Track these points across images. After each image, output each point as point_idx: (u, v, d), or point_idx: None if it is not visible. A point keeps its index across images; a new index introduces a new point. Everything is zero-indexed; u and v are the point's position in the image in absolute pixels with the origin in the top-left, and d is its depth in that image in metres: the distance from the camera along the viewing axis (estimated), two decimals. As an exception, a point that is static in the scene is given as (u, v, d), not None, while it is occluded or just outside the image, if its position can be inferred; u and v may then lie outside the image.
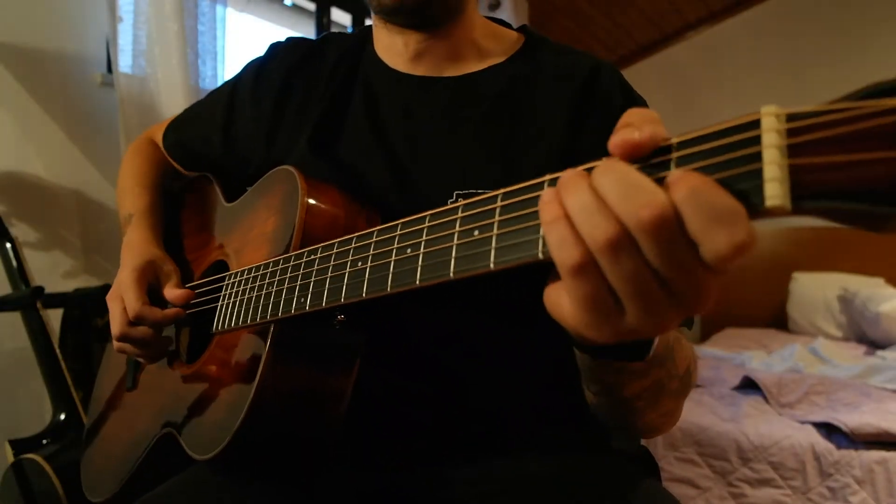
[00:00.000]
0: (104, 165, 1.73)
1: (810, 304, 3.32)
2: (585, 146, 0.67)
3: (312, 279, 0.52)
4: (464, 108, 0.71)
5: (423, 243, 0.43)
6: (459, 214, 0.41)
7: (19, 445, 1.21)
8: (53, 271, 1.62)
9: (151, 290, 0.73)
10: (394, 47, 0.75)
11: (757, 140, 0.28)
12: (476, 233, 0.39)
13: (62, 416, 1.27)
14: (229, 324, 0.63)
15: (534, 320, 0.60)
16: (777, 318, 3.51)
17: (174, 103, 1.74)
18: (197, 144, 0.87)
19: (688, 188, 0.28)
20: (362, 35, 0.81)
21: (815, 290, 3.32)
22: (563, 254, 0.32)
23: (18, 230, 1.51)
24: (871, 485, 1.60)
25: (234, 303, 0.63)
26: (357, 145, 0.72)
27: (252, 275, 0.61)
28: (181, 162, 0.91)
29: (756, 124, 0.28)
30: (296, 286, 0.54)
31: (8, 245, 1.34)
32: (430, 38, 0.73)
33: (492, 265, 0.37)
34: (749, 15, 3.83)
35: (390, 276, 0.44)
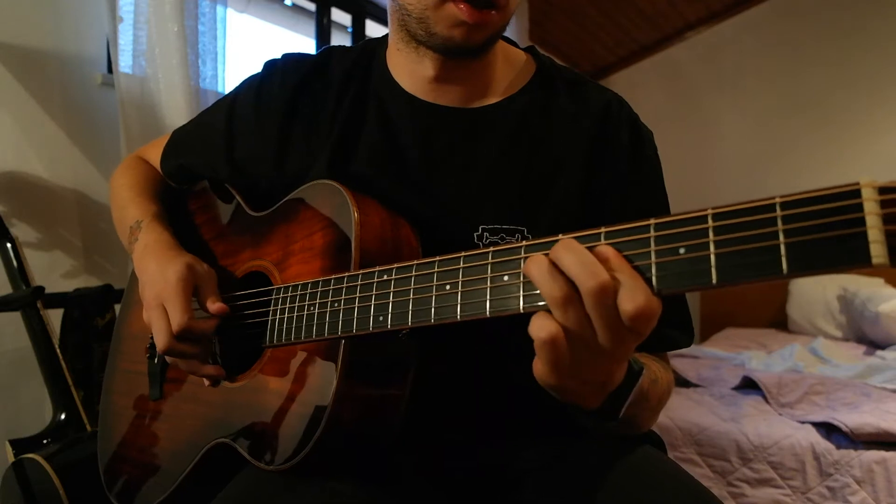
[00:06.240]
0: (104, 166, 1.73)
1: (810, 304, 3.33)
2: (601, 182, 0.71)
3: (391, 299, 0.53)
4: (482, 140, 0.71)
5: (521, 273, 0.45)
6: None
7: (20, 445, 1.20)
8: (54, 271, 1.62)
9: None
10: (417, 71, 0.72)
11: (859, 207, 0.32)
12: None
13: (62, 416, 1.26)
14: (288, 337, 0.63)
15: None
16: (777, 318, 3.52)
17: (174, 103, 1.74)
18: (200, 169, 0.86)
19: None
20: (367, 49, 0.78)
21: (814, 290, 3.32)
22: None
23: (19, 230, 1.51)
24: (870, 484, 1.60)
25: (294, 317, 0.62)
26: (376, 169, 0.71)
27: (311, 290, 0.61)
28: (184, 184, 0.91)
29: (857, 194, 0.33)
30: (370, 304, 0.54)
31: (8, 245, 1.34)
32: (460, 65, 0.70)
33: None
34: (749, 15, 3.84)
35: (488, 302, 0.46)
